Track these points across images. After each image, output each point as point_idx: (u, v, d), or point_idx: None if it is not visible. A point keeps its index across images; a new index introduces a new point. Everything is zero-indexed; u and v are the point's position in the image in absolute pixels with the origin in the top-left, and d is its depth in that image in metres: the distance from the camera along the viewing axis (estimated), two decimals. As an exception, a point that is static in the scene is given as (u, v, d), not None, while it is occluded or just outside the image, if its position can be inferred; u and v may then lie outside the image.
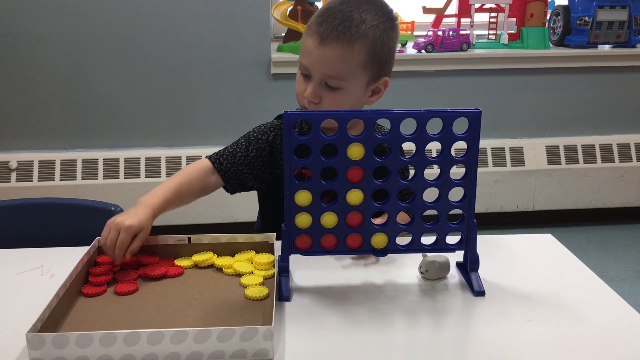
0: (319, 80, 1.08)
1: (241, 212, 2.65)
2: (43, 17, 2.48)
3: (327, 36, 1.05)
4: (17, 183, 2.56)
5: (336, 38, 1.05)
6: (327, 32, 1.05)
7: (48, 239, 1.21)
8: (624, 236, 2.81)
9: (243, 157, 1.18)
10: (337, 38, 1.05)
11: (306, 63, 1.09)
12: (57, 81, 2.56)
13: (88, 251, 0.99)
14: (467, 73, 2.73)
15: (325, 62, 1.06)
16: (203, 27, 2.56)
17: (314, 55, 1.07)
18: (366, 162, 0.92)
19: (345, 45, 1.05)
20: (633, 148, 2.86)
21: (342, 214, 0.95)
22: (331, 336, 0.84)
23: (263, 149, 1.19)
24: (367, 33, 1.06)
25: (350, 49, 1.06)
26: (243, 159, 1.18)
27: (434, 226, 0.97)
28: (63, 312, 0.87)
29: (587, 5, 2.72)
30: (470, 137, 0.92)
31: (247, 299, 0.91)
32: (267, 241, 1.06)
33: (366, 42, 1.06)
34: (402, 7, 2.87)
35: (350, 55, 1.06)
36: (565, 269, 1.05)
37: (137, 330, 0.76)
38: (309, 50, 1.08)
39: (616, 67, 2.79)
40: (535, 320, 0.88)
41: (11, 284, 0.99)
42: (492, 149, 2.79)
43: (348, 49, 1.06)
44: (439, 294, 0.96)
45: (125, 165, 2.61)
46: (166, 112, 2.65)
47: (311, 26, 1.09)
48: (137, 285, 0.96)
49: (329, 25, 1.05)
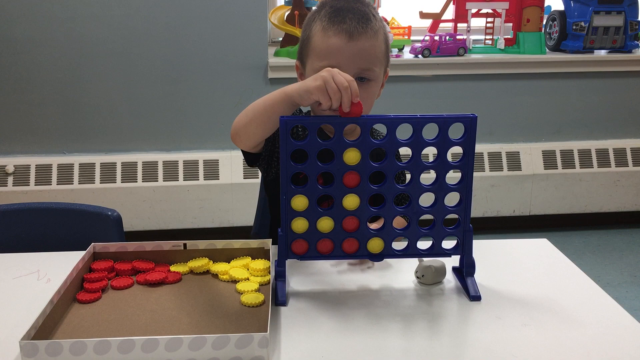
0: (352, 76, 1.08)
1: (238, 216, 2.65)
2: (40, 21, 2.48)
3: (355, 31, 1.08)
4: (14, 187, 2.55)
5: (364, 31, 1.08)
6: (353, 28, 1.08)
7: (45, 243, 1.21)
8: (620, 241, 2.82)
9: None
10: (365, 31, 1.08)
11: (336, 63, 1.07)
12: (54, 85, 2.56)
13: (83, 257, 0.99)
14: (463, 78, 2.74)
15: (360, 56, 1.08)
16: (200, 32, 2.56)
17: (345, 53, 1.08)
18: (362, 167, 0.92)
19: (374, 36, 1.10)
20: (629, 153, 2.87)
21: (339, 218, 0.95)
22: (327, 341, 0.83)
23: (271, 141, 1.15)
24: (380, 25, 1.12)
25: (376, 39, 1.10)
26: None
27: (430, 231, 0.97)
28: (57, 319, 0.86)
29: (583, 10, 2.73)
30: (466, 142, 0.93)
31: (243, 306, 0.91)
32: (263, 247, 1.06)
33: (382, 33, 1.12)
34: (399, 12, 2.88)
35: (377, 45, 1.11)
36: (560, 274, 1.05)
37: (132, 337, 0.76)
38: (337, 49, 1.08)
39: (612, 72, 2.81)
40: (531, 324, 0.88)
41: (7, 288, 0.99)
42: (489, 154, 2.79)
43: (375, 39, 1.10)
44: (435, 298, 0.96)
45: (122, 170, 2.60)
46: (163, 116, 2.65)
47: (327, 28, 1.09)
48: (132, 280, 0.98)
49: (352, 21, 1.08)
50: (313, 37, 1.11)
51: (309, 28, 1.13)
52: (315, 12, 1.14)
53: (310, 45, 1.12)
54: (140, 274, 1.00)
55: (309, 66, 1.12)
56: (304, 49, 1.15)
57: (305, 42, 1.14)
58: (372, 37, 1.09)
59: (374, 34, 1.10)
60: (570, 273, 1.06)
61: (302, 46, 1.16)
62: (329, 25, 1.09)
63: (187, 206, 2.62)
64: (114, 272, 1.01)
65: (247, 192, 2.60)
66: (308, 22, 1.14)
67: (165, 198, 2.61)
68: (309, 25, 1.13)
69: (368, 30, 1.09)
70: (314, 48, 1.11)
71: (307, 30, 1.14)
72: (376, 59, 1.11)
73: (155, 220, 2.63)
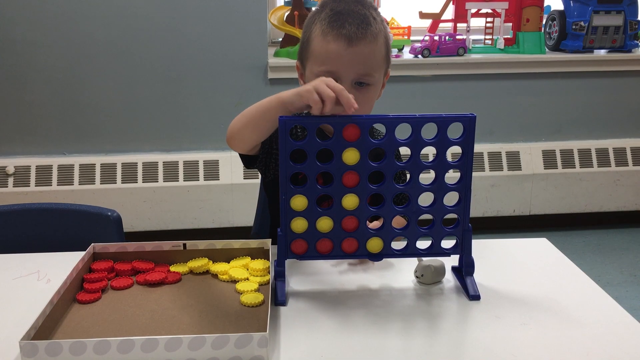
0: (351, 81, 1.09)
1: (238, 217, 2.65)
2: (40, 22, 2.48)
3: (354, 36, 1.07)
4: (14, 188, 2.55)
5: (364, 36, 1.07)
6: (352, 33, 1.07)
7: (45, 244, 1.21)
8: (620, 240, 2.82)
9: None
10: (364, 36, 1.07)
11: (335, 68, 1.08)
12: (54, 86, 2.57)
13: (83, 257, 0.99)
14: (463, 78, 2.74)
15: (358, 61, 1.08)
16: (200, 33, 2.56)
17: (344, 58, 1.07)
18: (361, 167, 0.92)
19: (373, 41, 1.09)
20: (629, 152, 2.87)
21: (338, 218, 0.95)
22: (327, 340, 0.84)
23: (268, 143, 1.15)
24: (380, 28, 1.11)
25: (376, 44, 1.09)
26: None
27: (429, 230, 0.97)
28: (57, 319, 0.86)
29: (582, 10, 2.73)
30: (465, 142, 0.93)
31: (243, 306, 0.91)
32: (263, 247, 1.06)
33: (382, 36, 1.11)
34: (398, 12, 2.88)
35: (377, 50, 1.10)
36: (560, 273, 1.05)
37: (131, 337, 0.76)
38: (336, 54, 1.07)
39: (612, 72, 2.81)
40: (530, 324, 0.88)
41: (7, 289, 0.99)
42: (489, 153, 2.79)
43: (374, 44, 1.09)
44: (435, 298, 0.96)
45: (122, 170, 2.61)
46: (163, 117, 2.65)
47: (327, 32, 1.08)
48: (132, 280, 0.98)
49: (352, 26, 1.07)
50: (313, 40, 1.11)
51: (309, 30, 1.12)
52: (316, 14, 1.13)
53: (309, 48, 1.12)
54: (140, 274, 1.00)
55: (309, 69, 1.12)
56: (303, 51, 1.14)
57: (305, 44, 1.13)
58: (372, 41, 1.08)
59: (374, 39, 1.08)
60: (570, 273, 1.06)
61: (302, 47, 1.15)
62: (328, 29, 1.08)
63: (187, 207, 2.63)
64: (113, 273, 1.01)
65: (247, 193, 2.60)
66: (308, 24, 1.14)
67: (166, 198, 2.61)
68: (309, 27, 1.13)
69: (367, 35, 1.07)
70: (313, 52, 1.11)
71: (307, 31, 1.13)
72: (375, 63, 1.10)
73: (156, 220, 2.63)
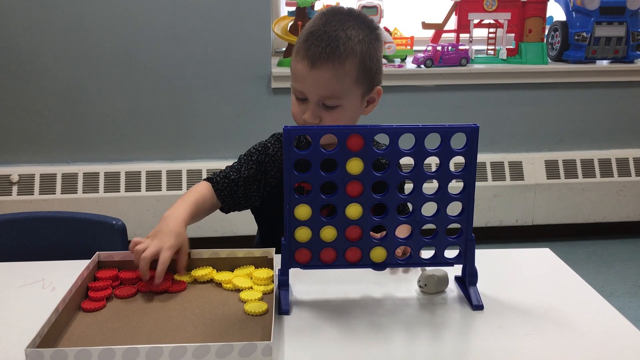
0: (316, 102, 1.10)
1: (241, 225, 2.65)
2: (44, 31, 2.50)
3: (317, 59, 1.06)
4: (18, 197, 2.56)
5: (327, 60, 1.06)
6: (316, 55, 1.06)
7: (49, 252, 1.22)
8: (623, 251, 2.81)
9: (236, 179, 1.19)
10: (327, 59, 1.06)
11: (300, 88, 1.10)
12: (58, 95, 2.58)
13: (87, 266, 1.00)
14: (466, 88, 2.75)
15: (320, 85, 1.08)
16: (204, 42, 2.58)
17: (307, 80, 1.08)
18: (365, 177, 0.93)
19: (337, 65, 1.07)
20: (632, 163, 2.87)
21: (342, 228, 0.95)
22: (330, 350, 0.84)
23: (254, 168, 1.21)
24: (355, 49, 1.08)
25: (341, 67, 1.07)
26: (237, 180, 1.19)
27: (432, 240, 0.98)
28: (62, 327, 0.87)
29: (585, 21, 2.75)
30: (468, 152, 0.93)
31: (247, 314, 0.92)
32: (267, 256, 1.06)
33: (355, 58, 1.08)
34: (401, 22, 2.90)
35: (342, 74, 1.07)
36: (563, 284, 1.05)
37: (136, 345, 0.76)
38: (301, 75, 1.09)
39: (614, 83, 2.81)
40: (533, 334, 0.88)
41: (13, 297, 1.00)
42: (492, 164, 2.79)
43: (340, 68, 1.07)
44: (438, 307, 0.96)
45: (126, 179, 2.61)
46: (167, 125, 2.66)
47: (299, 51, 1.10)
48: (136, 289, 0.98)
49: (317, 48, 1.06)
50: (292, 55, 1.12)
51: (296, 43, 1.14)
52: (306, 26, 1.14)
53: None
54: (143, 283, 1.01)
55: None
56: None
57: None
58: (337, 65, 1.06)
59: (340, 62, 1.06)
60: (573, 283, 1.06)
61: None
62: (300, 47, 1.10)
63: (190, 215, 2.62)
64: (118, 281, 1.01)
65: (250, 202, 2.60)
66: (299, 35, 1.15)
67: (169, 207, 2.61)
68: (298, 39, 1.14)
69: (332, 59, 1.05)
70: (291, 67, 1.13)
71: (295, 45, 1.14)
72: (340, 88, 1.08)
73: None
